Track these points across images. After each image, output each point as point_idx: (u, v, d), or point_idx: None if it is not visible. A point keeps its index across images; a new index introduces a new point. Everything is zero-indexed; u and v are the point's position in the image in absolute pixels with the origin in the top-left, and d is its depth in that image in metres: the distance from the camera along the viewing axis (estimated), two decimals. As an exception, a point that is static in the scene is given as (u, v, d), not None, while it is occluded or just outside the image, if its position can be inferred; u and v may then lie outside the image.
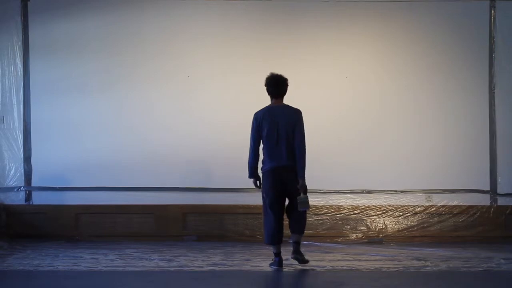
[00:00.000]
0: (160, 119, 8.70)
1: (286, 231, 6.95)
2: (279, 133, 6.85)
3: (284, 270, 6.85)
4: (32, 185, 8.74)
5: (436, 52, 8.72)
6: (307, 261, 6.87)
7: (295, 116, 6.92)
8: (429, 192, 8.70)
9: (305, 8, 8.70)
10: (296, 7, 8.71)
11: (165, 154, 8.65)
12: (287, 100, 8.54)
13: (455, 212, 8.66)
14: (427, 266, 7.03)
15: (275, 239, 6.86)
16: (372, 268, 6.94)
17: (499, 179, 8.72)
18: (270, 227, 6.87)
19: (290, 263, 7.06)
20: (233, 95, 8.71)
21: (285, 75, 8.60)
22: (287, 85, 7.03)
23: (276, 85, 6.99)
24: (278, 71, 8.61)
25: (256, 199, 8.57)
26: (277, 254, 6.89)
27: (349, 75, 8.71)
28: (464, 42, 8.75)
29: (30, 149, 8.74)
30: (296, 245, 6.90)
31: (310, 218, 8.60)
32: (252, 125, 7.00)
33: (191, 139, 8.67)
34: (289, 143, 6.84)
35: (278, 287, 6.35)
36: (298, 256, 6.86)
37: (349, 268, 6.97)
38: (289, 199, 6.91)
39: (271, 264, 6.92)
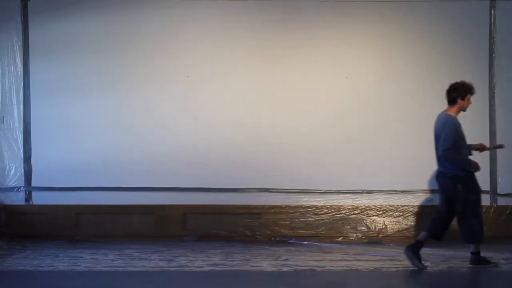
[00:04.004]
0: (160, 119, 8.70)
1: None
2: (435, 139, 7.03)
3: (283, 270, 6.85)
4: (32, 185, 8.73)
5: (436, 52, 8.72)
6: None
7: (441, 122, 6.99)
8: (429, 192, 8.70)
9: (305, 8, 8.69)
10: (296, 7, 8.70)
11: (165, 154, 8.65)
12: (288, 98, 8.64)
13: (455, 212, 8.66)
14: (427, 266, 7.02)
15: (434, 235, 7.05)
16: (372, 268, 6.94)
17: (499, 179, 8.72)
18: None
19: (288, 263, 7.07)
20: (233, 95, 8.70)
21: (287, 75, 8.69)
22: (452, 93, 7.02)
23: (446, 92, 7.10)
24: (278, 71, 8.69)
25: (255, 199, 8.62)
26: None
27: (349, 75, 8.71)
28: (464, 42, 8.74)
29: (30, 149, 8.73)
30: (471, 255, 6.97)
31: (310, 218, 8.64)
32: None
33: (191, 139, 8.66)
34: (438, 150, 6.97)
35: (278, 287, 6.34)
36: (472, 266, 6.98)
37: (349, 268, 6.97)
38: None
39: None
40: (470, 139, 8.67)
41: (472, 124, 8.71)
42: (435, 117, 8.72)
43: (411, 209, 8.68)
